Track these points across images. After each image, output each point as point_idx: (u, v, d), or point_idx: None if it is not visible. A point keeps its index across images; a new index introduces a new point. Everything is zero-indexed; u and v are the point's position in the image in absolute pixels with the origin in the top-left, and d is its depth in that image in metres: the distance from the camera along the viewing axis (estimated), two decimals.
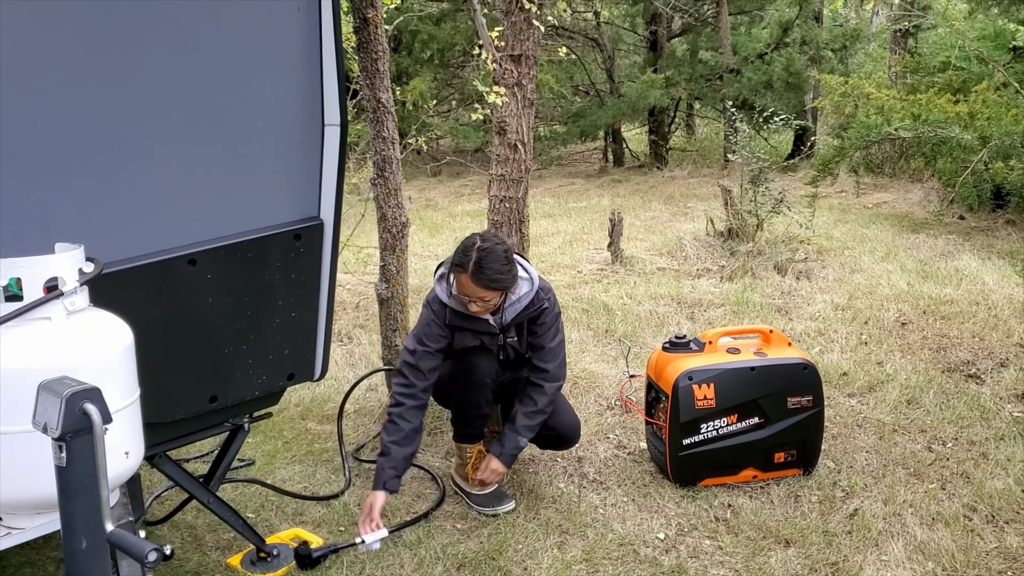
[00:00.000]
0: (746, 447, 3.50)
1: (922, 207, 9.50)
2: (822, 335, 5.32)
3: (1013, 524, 3.19)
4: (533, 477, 3.64)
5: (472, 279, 3.06)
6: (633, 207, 10.18)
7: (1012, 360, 4.73)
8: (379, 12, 3.67)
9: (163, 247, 2.42)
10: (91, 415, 1.44)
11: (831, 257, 7.14)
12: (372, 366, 4.87)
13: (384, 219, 3.94)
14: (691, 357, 3.54)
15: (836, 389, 4.46)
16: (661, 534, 3.20)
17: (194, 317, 2.54)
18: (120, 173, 2.29)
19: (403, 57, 13.68)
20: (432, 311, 3.25)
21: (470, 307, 3.16)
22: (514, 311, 3.27)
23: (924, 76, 9.85)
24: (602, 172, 14.11)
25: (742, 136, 7.46)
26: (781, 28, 13.13)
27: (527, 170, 4.15)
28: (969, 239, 7.85)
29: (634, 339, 5.25)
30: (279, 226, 2.70)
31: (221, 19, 2.40)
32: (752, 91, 12.74)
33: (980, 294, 5.93)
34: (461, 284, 3.11)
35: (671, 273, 6.84)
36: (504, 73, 3.99)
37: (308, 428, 4.18)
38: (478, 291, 3.09)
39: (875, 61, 14.87)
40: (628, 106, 13.13)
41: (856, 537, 3.13)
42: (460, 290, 3.14)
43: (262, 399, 2.89)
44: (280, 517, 3.37)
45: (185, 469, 2.82)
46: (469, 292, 3.11)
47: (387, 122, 3.80)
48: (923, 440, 3.90)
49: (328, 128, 2.73)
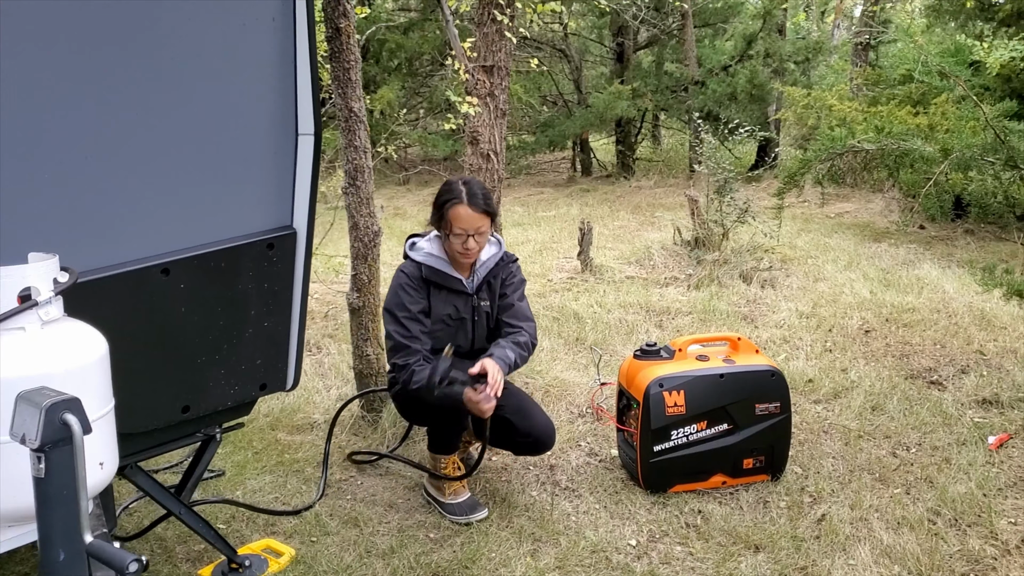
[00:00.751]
0: (716, 453, 3.54)
1: (883, 217, 9.67)
2: (787, 342, 5.40)
3: (975, 527, 3.25)
4: (506, 485, 3.66)
5: (469, 206, 3.21)
6: (601, 216, 10.25)
7: (972, 367, 4.83)
8: (351, 22, 3.68)
9: (136, 256, 2.41)
10: (71, 425, 1.44)
11: (795, 266, 7.24)
12: (341, 376, 4.86)
13: (356, 228, 3.94)
14: (662, 364, 3.58)
15: (802, 396, 4.52)
16: (633, 541, 3.23)
17: (167, 327, 2.53)
18: (94, 182, 2.28)
19: (371, 66, 13.67)
20: (405, 274, 3.32)
21: (467, 245, 3.25)
22: (486, 269, 3.40)
23: (885, 88, 10.02)
24: (570, 181, 14.19)
25: (707, 147, 7.55)
26: (745, 41, 13.32)
27: (500, 179, 4.18)
28: (930, 248, 8.00)
29: (604, 347, 5.29)
30: (252, 235, 2.70)
31: (196, 29, 2.40)
32: (717, 103, 12.90)
33: (941, 302, 6.04)
34: (459, 217, 3.22)
35: (640, 281, 6.90)
36: (477, 84, 4.02)
37: (278, 439, 4.16)
38: (475, 218, 3.21)
39: (837, 73, 15.09)
40: (596, 116, 13.23)
41: (824, 542, 3.18)
42: (458, 225, 3.23)
43: (234, 409, 2.88)
44: (252, 528, 3.35)
45: (157, 480, 2.81)
46: (467, 223, 3.21)
47: (359, 131, 3.80)
48: (888, 446, 3.97)
49: (302, 137, 2.74)
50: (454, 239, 3.27)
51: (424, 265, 3.33)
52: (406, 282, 3.31)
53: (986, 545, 3.13)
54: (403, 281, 3.31)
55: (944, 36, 10.71)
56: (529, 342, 3.41)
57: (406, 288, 3.30)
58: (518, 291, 3.51)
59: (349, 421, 4.22)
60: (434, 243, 3.38)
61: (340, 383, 4.79)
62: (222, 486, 3.67)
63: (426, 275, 3.32)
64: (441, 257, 3.35)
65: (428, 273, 3.32)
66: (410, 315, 3.28)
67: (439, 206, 3.29)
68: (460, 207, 3.22)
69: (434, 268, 3.33)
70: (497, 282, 3.48)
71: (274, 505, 3.52)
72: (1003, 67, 7.96)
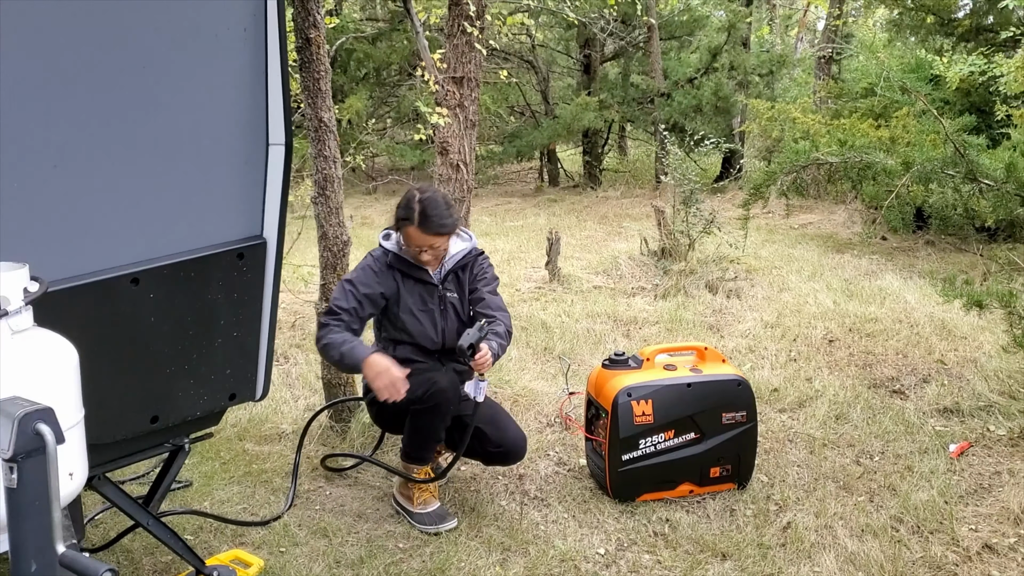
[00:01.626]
0: (683, 462, 3.58)
1: (846, 228, 9.82)
2: (753, 352, 5.46)
3: (937, 534, 3.32)
4: (475, 495, 3.67)
5: (420, 229, 3.26)
6: (569, 226, 10.30)
7: (934, 376, 4.92)
8: (321, 32, 3.69)
9: (106, 266, 2.40)
10: (44, 435, 1.43)
11: (760, 276, 7.33)
12: (309, 386, 4.84)
13: (325, 238, 3.94)
14: (630, 374, 3.61)
15: (768, 405, 4.58)
16: (601, 549, 3.25)
17: (136, 336, 2.52)
18: (63, 191, 2.27)
19: (339, 75, 13.64)
20: (372, 257, 3.39)
21: (422, 257, 3.33)
22: (453, 261, 3.46)
23: (847, 102, 10.19)
24: (538, 192, 14.25)
25: (673, 158, 7.63)
26: (710, 54, 13.47)
27: (469, 190, 4.20)
28: (891, 259, 8.13)
29: (572, 356, 5.32)
30: (222, 245, 2.69)
31: (168, 38, 2.40)
32: (682, 114, 13.04)
33: (903, 312, 6.15)
34: (409, 237, 3.28)
35: (607, 291, 6.95)
36: (446, 94, 4.04)
37: (246, 449, 4.13)
38: (427, 239, 3.26)
39: (800, 86, 15.32)
40: (563, 127, 13.32)
41: (790, 549, 3.23)
42: (410, 243, 3.30)
43: (203, 419, 2.86)
44: (220, 539, 3.33)
45: (124, 491, 2.78)
46: (419, 242, 3.27)
47: (328, 141, 3.81)
48: (851, 454, 4.04)
49: (272, 147, 2.74)
50: (412, 248, 3.33)
51: (392, 252, 3.38)
52: (370, 263, 3.38)
53: (948, 551, 3.19)
54: (368, 263, 3.39)
55: (905, 51, 10.93)
56: (506, 331, 3.41)
57: (367, 269, 3.37)
58: (490, 285, 3.53)
59: (318, 431, 4.21)
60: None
61: (308, 393, 4.77)
62: (190, 496, 3.64)
63: (391, 261, 3.38)
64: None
65: (393, 260, 3.38)
66: (356, 292, 3.32)
67: (396, 219, 3.34)
68: (410, 228, 3.28)
69: (400, 256, 3.39)
70: (466, 275, 3.51)
71: (242, 516, 3.50)
72: (962, 81, 8.16)
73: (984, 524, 3.39)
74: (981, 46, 9.03)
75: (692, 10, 14.90)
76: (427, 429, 3.37)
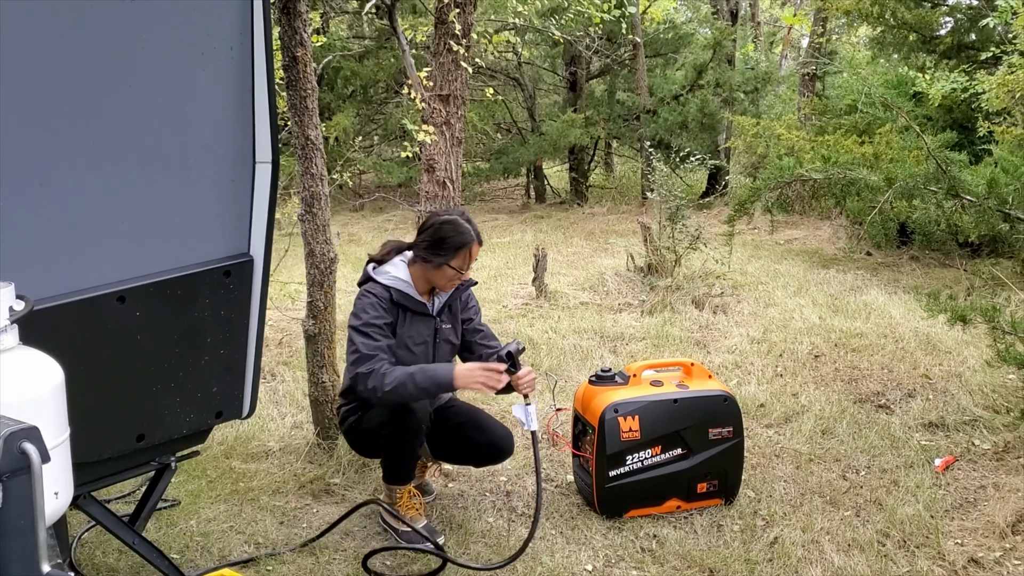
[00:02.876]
0: (670, 478, 3.58)
1: (831, 243, 9.87)
2: (739, 367, 5.48)
3: (923, 548, 3.33)
4: (462, 512, 3.66)
5: (479, 244, 3.40)
6: (555, 243, 10.33)
7: (919, 391, 4.95)
8: (308, 50, 3.70)
9: (92, 284, 2.40)
10: (29, 454, 1.43)
11: (746, 292, 7.36)
12: (297, 404, 4.83)
13: (312, 255, 3.94)
14: (617, 390, 3.62)
15: (754, 420, 4.59)
16: (589, 566, 3.25)
17: (122, 354, 2.52)
18: (50, 209, 2.27)
19: (325, 93, 13.66)
20: (373, 294, 3.32)
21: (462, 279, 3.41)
22: (446, 293, 3.48)
23: (831, 118, 10.27)
24: (525, 208, 14.27)
25: (659, 174, 7.66)
26: (696, 71, 13.56)
27: (456, 207, 4.20)
28: (876, 274, 8.18)
29: (559, 372, 5.32)
30: (209, 263, 2.70)
31: (154, 57, 2.41)
32: (668, 131, 13.10)
33: (888, 327, 6.18)
34: (471, 256, 3.36)
35: (594, 307, 6.96)
36: (433, 112, 4.06)
37: (233, 467, 4.11)
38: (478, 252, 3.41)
39: (785, 103, 15.42)
40: (549, 144, 13.36)
41: (777, 564, 3.23)
42: (469, 262, 3.36)
43: (190, 437, 2.86)
44: (206, 558, 3.31)
45: (110, 510, 2.77)
46: (474, 258, 3.39)
47: (315, 158, 3.81)
48: (838, 469, 4.05)
49: (259, 165, 2.75)
50: (451, 271, 3.34)
51: (393, 288, 3.34)
52: (375, 301, 3.31)
53: (934, 566, 3.20)
54: (372, 300, 3.31)
55: (888, 68, 11.03)
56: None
57: (375, 305, 3.30)
58: (479, 314, 3.63)
59: (304, 448, 4.20)
60: (399, 267, 3.40)
61: (295, 411, 4.76)
62: (176, 515, 3.62)
63: (396, 298, 3.34)
64: (407, 281, 3.37)
65: (398, 296, 3.34)
66: (378, 328, 3.26)
67: (454, 246, 3.31)
68: (475, 246, 3.36)
69: (403, 292, 3.35)
70: (457, 305, 3.54)
71: (228, 534, 3.48)
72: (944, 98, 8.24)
73: (970, 538, 3.40)
74: (963, 63, 9.11)
75: (677, 28, 15.01)
76: (401, 450, 3.38)
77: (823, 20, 12.59)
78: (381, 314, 3.29)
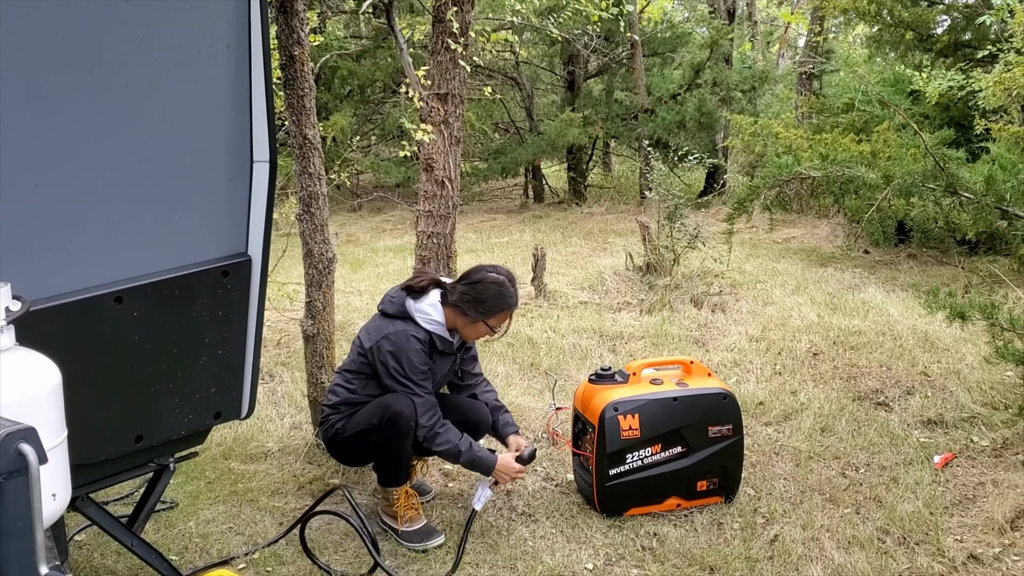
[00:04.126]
0: (670, 476, 3.58)
1: (829, 242, 9.87)
2: (738, 366, 5.48)
3: (923, 545, 3.33)
4: (462, 512, 3.66)
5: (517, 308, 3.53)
6: (554, 242, 10.32)
7: (917, 388, 4.95)
8: (305, 49, 3.69)
9: (89, 284, 2.39)
10: (27, 455, 1.42)
11: (744, 290, 7.36)
12: (295, 404, 4.82)
13: (310, 255, 3.93)
14: (616, 388, 3.62)
15: (753, 418, 4.59)
16: (590, 564, 3.24)
17: (120, 355, 2.51)
18: (46, 210, 2.26)
19: (323, 93, 13.64)
20: (417, 339, 3.35)
21: (493, 336, 3.52)
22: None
23: (829, 117, 10.26)
24: (523, 208, 14.26)
25: (657, 174, 7.66)
26: (693, 70, 13.55)
27: (454, 206, 4.20)
28: (874, 272, 8.18)
29: (559, 372, 5.32)
30: (207, 263, 2.69)
31: (151, 56, 2.40)
32: (666, 130, 13.09)
33: (886, 325, 6.18)
34: (507, 318, 3.49)
35: (593, 307, 6.96)
36: (431, 111, 4.05)
37: (231, 468, 4.11)
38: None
39: (782, 102, 15.42)
40: (547, 144, 13.34)
41: (777, 562, 3.23)
42: (501, 323, 3.48)
43: (188, 438, 2.85)
44: (204, 559, 3.30)
45: (108, 511, 2.76)
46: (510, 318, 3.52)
47: (313, 158, 3.81)
48: (837, 466, 4.05)
49: (257, 164, 2.74)
50: (485, 329, 3.45)
51: (434, 334, 3.39)
52: (420, 347, 3.35)
53: (934, 563, 3.20)
54: (417, 346, 3.34)
55: (885, 66, 11.03)
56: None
57: (420, 353, 3.35)
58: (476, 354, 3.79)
59: (303, 449, 4.19)
60: (437, 309, 3.41)
61: (294, 411, 4.75)
62: (175, 517, 3.61)
63: (434, 341, 3.40)
64: (442, 323, 3.41)
65: (437, 341, 3.41)
66: (425, 375, 3.37)
67: (497, 308, 3.41)
68: (513, 312, 3.49)
69: (441, 337, 3.42)
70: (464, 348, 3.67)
71: (228, 535, 3.48)
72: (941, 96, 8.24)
73: (969, 534, 3.40)
74: (959, 61, 9.12)
75: (675, 27, 14.99)
76: (394, 453, 3.40)
77: (820, 19, 12.59)
78: (425, 359, 3.37)
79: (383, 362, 3.32)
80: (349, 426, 3.40)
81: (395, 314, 3.40)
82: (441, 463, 4.06)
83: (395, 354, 3.31)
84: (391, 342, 3.32)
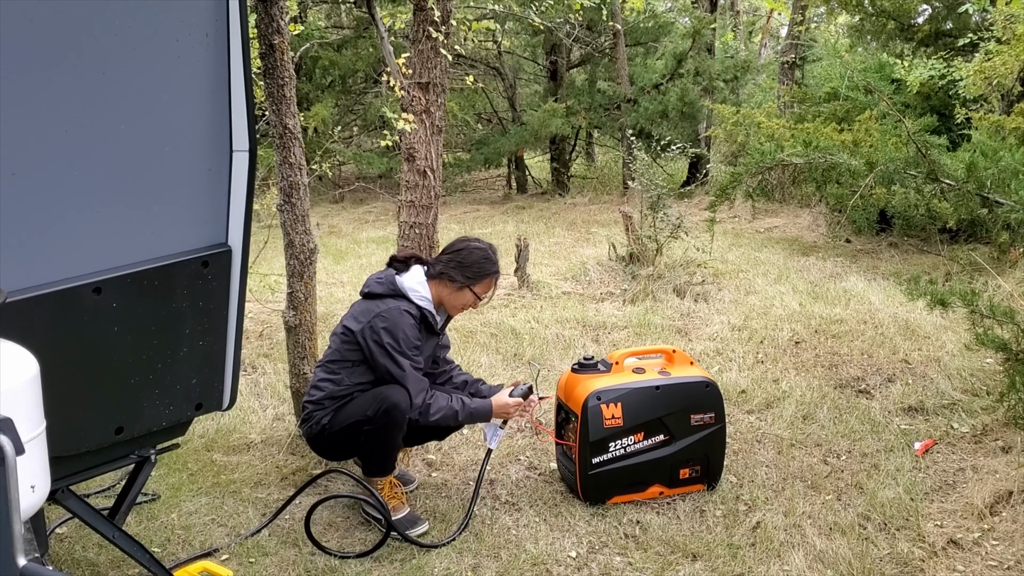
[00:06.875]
0: (653, 464, 3.59)
1: (811, 231, 9.92)
2: (720, 355, 5.50)
3: (904, 531, 3.35)
4: (446, 501, 3.66)
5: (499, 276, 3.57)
6: (537, 233, 10.32)
7: (898, 375, 4.98)
8: (285, 39, 3.66)
9: (67, 275, 2.37)
10: (3, 446, 1.41)
11: (727, 280, 7.38)
12: (278, 395, 4.81)
13: (292, 246, 3.91)
14: (599, 377, 3.62)
15: (735, 406, 4.61)
16: (573, 552, 3.25)
17: (99, 346, 2.48)
18: (23, 200, 2.23)
19: (304, 83, 13.58)
20: (410, 315, 3.36)
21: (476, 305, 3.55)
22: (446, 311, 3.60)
23: (811, 106, 10.30)
24: (506, 199, 14.26)
25: (640, 164, 7.66)
26: (676, 60, 13.57)
27: (436, 196, 4.19)
28: (856, 261, 8.23)
29: (542, 362, 5.32)
30: (186, 253, 2.66)
31: (128, 44, 2.38)
32: (649, 120, 13.11)
33: (867, 313, 6.22)
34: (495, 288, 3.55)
35: (576, 297, 6.97)
36: (412, 100, 4.03)
37: (214, 459, 4.09)
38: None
39: (764, 91, 15.46)
40: (530, 134, 13.33)
41: (759, 549, 3.25)
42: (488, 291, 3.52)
43: (169, 430, 2.83)
44: (187, 551, 3.29)
45: (89, 504, 2.74)
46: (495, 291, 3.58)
47: (294, 148, 3.78)
48: (819, 454, 4.07)
49: (236, 154, 2.71)
50: (471, 296, 3.48)
51: (425, 310, 3.41)
52: (414, 323, 3.36)
53: (914, 548, 3.23)
54: (411, 322, 3.35)
55: (866, 56, 11.07)
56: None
57: (414, 327, 3.36)
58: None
59: (286, 440, 4.18)
60: (424, 286, 3.42)
61: (276, 403, 4.74)
62: (157, 509, 3.59)
63: (428, 320, 3.43)
64: (431, 300, 3.44)
65: (428, 317, 3.43)
66: (418, 350, 3.38)
67: (483, 272, 3.45)
68: (498, 278, 3.52)
69: (431, 313, 3.44)
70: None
71: (210, 527, 3.46)
72: (923, 85, 8.29)
73: (949, 520, 3.43)
74: (940, 50, 9.18)
75: (657, 16, 15.00)
76: (386, 444, 3.39)
77: (802, 8, 12.62)
78: (418, 334, 3.38)
79: (376, 340, 3.30)
80: (337, 420, 3.36)
81: (384, 293, 3.40)
82: (425, 452, 4.07)
83: (390, 329, 3.30)
84: (385, 318, 3.31)
